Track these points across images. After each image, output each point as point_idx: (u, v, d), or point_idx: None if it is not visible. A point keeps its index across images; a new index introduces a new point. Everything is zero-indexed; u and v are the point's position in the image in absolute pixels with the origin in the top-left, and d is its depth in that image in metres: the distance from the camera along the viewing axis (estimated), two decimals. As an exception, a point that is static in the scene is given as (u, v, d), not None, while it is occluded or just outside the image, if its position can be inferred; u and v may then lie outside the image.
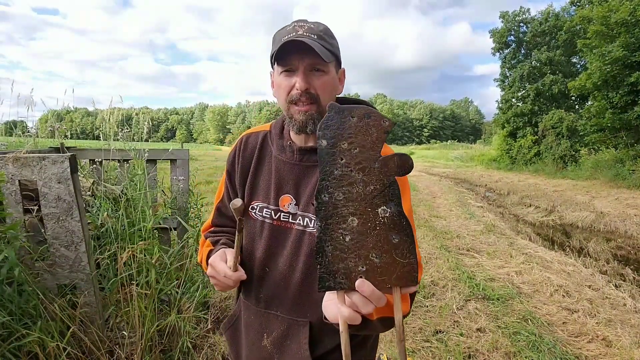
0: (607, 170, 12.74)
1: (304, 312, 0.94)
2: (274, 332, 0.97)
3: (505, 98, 22.53)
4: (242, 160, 1.04)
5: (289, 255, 0.94)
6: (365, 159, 0.68)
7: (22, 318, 1.76)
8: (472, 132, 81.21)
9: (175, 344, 2.24)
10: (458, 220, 7.34)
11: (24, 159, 1.86)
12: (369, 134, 0.68)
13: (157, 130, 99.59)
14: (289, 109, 0.92)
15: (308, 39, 0.85)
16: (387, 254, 0.67)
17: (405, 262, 0.67)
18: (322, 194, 0.68)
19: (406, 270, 0.67)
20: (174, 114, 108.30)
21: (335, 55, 0.93)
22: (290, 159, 0.97)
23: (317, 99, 0.90)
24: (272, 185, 0.98)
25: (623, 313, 3.39)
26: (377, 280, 0.67)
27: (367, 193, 0.68)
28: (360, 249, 0.67)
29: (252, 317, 1.01)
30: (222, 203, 1.10)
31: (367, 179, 0.68)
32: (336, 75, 0.96)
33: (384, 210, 0.67)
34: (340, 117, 0.68)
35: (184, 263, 2.53)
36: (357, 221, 0.68)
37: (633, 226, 7.30)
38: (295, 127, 0.92)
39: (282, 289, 0.96)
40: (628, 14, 11.41)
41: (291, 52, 0.87)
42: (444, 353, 2.65)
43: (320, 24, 0.93)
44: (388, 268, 0.67)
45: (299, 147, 0.97)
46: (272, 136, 1.03)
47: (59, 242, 1.93)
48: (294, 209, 0.95)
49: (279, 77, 0.93)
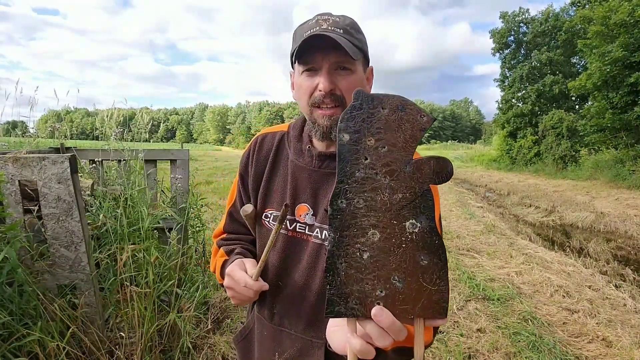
0: (607, 170, 12.74)
1: (320, 333, 0.84)
2: (287, 351, 0.89)
3: (505, 98, 22.54)
4: (256, 163, 0.95)
5: (305, 269, 0.86)
6: (394, 160, 0.56)
7: (22, 318, 1.76)
8: (472, 133, 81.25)
9: (175, 344, 2.24)
10: (458, 221, 7.34)
11: (24, 159, 1.86)
12: (402, 131, 0.56)
13: (157, 130, 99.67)
14: (311, 112, 0.83)
15: (333, 34, 0.75)
16: (412, 278, 0.55)
17: (435, 289, 0.55)
18: (339, 199, 0.57)
19: (434, 300, 0.55)
20: (174, 114, 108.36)
21: (363, 52, 0.82)
22: (309, 164, 0.88)
23: (343, 101, 0.80)
24: (287, 193, 0.89)
25: (623, 313, 3.39)
26: (398, 308, 0.55)
27: (393, 202, 0.56)
28: (380, 270, 0.56)
29: (265, 333, 0.94)
30: (234, 208, 1.02)
31: (396, 184, 0.56)
32: (364, 75, 0.85)
33: (412, 225, 0.56)
34: (368, 108, 0.57)
35: (183, 263, 2.53)
36: (379, 235, 0.56)
37: (633, 226, 7.30)
38: (318, 133, 0.83)
39: (297, 305, 0.88)
40: (627, 15, 11.42)
41: (314, 49, 0.77)
42: (444, 353, 2.64)
43: (346, 18, 0.83)
44: (413, 295, 0.55)
45: (319, 152, 0.86)
46: (289, 138, 0.94)
47: (58, 243, 1.93)
48: (311, 220, 0.86)
49: (300, 77, 0.83)
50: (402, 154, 0.56)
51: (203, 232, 3.23)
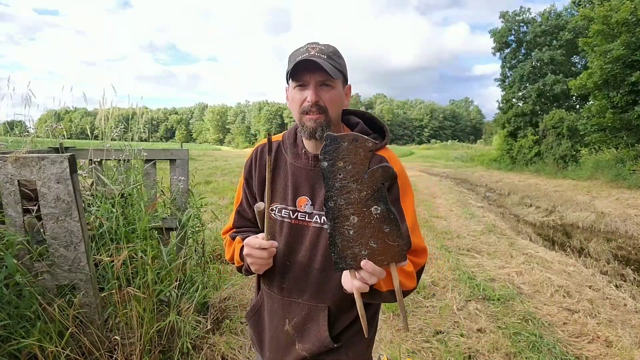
0: (608, 170, 12.72)
1: (323, 298, 1.08)
2: (296, 317, 1.10)
3: (505, 98, 22.51)
4: (259, 168, 1.16)
5: (308, 249, 1.07)
6: (357, 172, 0.87)
7: (20, 320, 1.76)
8: (473, 132, 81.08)
9: (174, 345, 2.23)
10: (458, 221, 7.34)
11: (23, 159, 1.86)
12: (358, 154, 0.87)
13: (157, 130, 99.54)
14: (301, 118, 1.05)
15: (319, 59, 0.99)
16: (381, 240, 0.87)
17: (395, 244, 0.87)
18: (329, 202, 0.89)
19: (397, 251, 0.87)
20: (174, 113, 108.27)
21: (342, 73, 1.06)
22: (306, 165, 1.10)
23: (325, 110, 1.03)
24: (289, 189, 1.10)
25: (624, 313, 3.39)
26: (376, 259, 0.87)
27: (362, 197, 0.87)
28: (362, 239, 0.87)
29: (276, 305, 1.14)
30: (241, 207, 1.22)
31: (360, 187, 0.87)
32: (342, 91, 1.09)
33: (375, 209, 0.87)
34: (334, 144, 0.88)
35: (183, 263, 2.53)
36: (357, 219, 0.88)
37: (633, 226, 7.30)
38: (306, 133, 1.05)
39: (303, 279, 1.09)
40: (629, 14, 11.39)
41: (304, 70, 1.01)
42: (444, 354, 2.64)
43: (330, 46, 1.07)
44: (383, 250, 0.87)
45: (314, 154, 1.09)
46: (285, 145, 1.15)
47: (58, 242, 1.92)
48: (310, 209, 1.08)
49: (293, 90, 1.07)
50: (360, 167, 0.87)
51: (202, 232, 3.22)
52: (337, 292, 1.04)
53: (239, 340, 2.55)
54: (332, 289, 1.07)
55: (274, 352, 1.15)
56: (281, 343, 1.13)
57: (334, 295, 1.06)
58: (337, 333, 1.10)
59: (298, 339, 1.10)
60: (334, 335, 1.09)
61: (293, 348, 1.11)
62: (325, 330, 1.07)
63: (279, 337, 1.13)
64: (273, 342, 1.15)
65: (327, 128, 1.03)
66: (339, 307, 1.08)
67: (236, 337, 2.58)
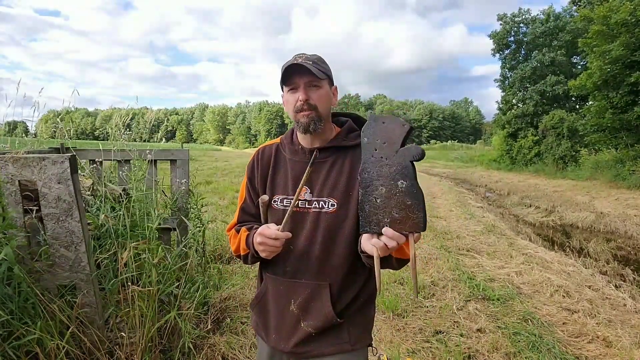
0: (607, 170, 12.73)
1: (325, 276, 1.17)
2: (300, 297, 1.19)
3: (505, 99, 22.51)
4: (261, 167, 1.29)
5: (309, 232, 1.17)
6: (390, 149, 0.99)
7: (22, 317, 1.76)
8: (472, 133, 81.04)
9: (175, 344, 2.24)
10: (458, 221, 7.34)
11: (24, 159, 1.86)
12: (394, 133, 0.99)
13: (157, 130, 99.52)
14: (295, 116, 1.18)
15: (305, 64, 1.13)
16: (403, 211, 0.96)
17: (415, 216, 0.96)
18: (364, 172, 1.01)
19: (415, 222, 0.96)
20: (174, 114, 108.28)
21: (327, 75, 1.19)
22: (303, 159, 1.23)
23: (315, 107, 1.16)
24: (289, 181, 1.22)
25: (623, 313, 3.39)
26: (396, 227, 0.96)
27: (391, 171, 0.98)
28: (386, 208, 0.98)
29: (281, 288, 1.22)
30: (245, 204, 1.33)
31: (391, 162, 0.98)
32: (330, 90, 1.22)
33: (401, 183, 0.97)
34: (375, 123, 1.02)
35: (184, 263, 2.53)
36: (385, 190, 0.98)
37: (633, 227, 7.30)
38: (301, 128, 1.17)
39: (305, 260, 1.18)
40: (628, 14, 11.41)
41: (293, 74, 1.15)
42: (444, 353, 2.64)
43: (315, 55, 1.22)
44: (404, 220, 0.96)
45: (309, 149, 1.22)
46: (283, 145, 1.29)
47: (58, 243, 1.93)
48: (310, 197, 1.19)
49: (286, 94, 1.20)
50: (393, 146, 0.99)
51: (203, 232, 3.23)
52: (338, 270, 1.16)
53: (240, 340, 2.56)
54: (333, 268, 1.17)
55: (280, 333, 1.23)
56: (287, 323, 1.21)
57: (335, 274, 1.17)
58: (340, 310, 1.18)
59: (303, 317, 1.18)
60: (337, 312, 1.17)
61: (299, 326, 1.19)
62: (329, 306, 1.16)
63: (284, 318, 1.21)
64: (279, 323, 1.23)
65: (319, 122, 1.15)
66: (340, 286, 1.18)
67: (236, 337, 2.58)
